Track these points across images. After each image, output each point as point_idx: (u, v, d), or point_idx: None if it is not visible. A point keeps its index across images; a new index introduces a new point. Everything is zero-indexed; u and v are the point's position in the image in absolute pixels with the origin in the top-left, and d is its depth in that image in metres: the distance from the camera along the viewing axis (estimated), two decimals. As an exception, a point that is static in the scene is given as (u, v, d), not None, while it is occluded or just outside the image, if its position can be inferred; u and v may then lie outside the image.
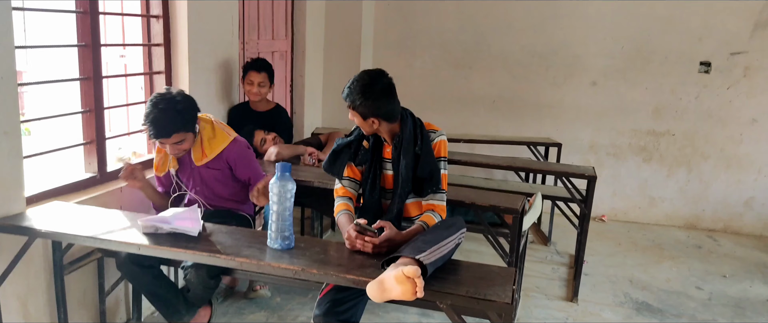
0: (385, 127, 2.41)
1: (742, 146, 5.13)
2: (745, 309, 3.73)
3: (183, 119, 2.65)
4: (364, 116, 2.35)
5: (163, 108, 2.58)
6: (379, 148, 2.51)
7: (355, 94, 2.32)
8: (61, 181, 2.76)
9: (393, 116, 2.39)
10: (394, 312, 3.34)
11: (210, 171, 2.87)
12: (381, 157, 2.51)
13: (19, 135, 2.36)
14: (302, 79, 4.87)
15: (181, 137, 2.69)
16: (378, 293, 1.88)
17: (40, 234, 2.27)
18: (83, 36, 2.76)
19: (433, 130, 2.48)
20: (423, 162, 2.39)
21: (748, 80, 5.00)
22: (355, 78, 2.35)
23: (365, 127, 2.41)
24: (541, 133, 5.47)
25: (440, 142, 2.46)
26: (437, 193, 2.44)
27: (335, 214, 2.48)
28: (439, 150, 2.46)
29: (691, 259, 4.57)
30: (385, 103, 2.33)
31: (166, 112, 2.58)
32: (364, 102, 2.31)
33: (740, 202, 5.25)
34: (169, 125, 2.60)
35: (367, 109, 2.32)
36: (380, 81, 2.33)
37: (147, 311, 3.20)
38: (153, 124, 2.59)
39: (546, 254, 4.51)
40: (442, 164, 2.46)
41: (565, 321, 3.44)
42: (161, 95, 2.64)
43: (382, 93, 2.32)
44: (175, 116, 2.60)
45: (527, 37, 5.38)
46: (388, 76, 2.37)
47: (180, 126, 2.65)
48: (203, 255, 2.14)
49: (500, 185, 4.13)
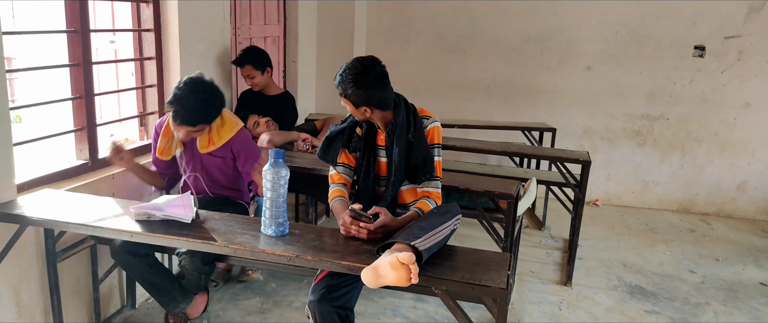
0: (378, 115, 2.39)
1: (736, 130, 5.14)
2: (737, 292, 3.76)
3: (212, 114, 2.69)
4: (357, 105, 2.34)
5: (202, 98, 2.60)
6: (373, 134, 2.49)
7: (347, 82, 2.29)
8: (53, 168, 2.73)
9: (386, 104, 2.37)
10: (389, 297, 3.35)
11: (213, 158, 2.85)
12: (375, 143, 2.50)
13: (8, 122, 2.33)
14: (295, 64, 4.84)
15: (201, 128, 2.72)
16: (373, 279, 1.87)
17: (32, 221, 2.26)
18: (72, 22, 2.72)
19: (427, 116, 2.46)
20: (416, 150, 2.38)
21: (741, 64, 5.00)
22: (347, 66, 2.32)
23: (358, 115, 2.40)
24: (535, 118, 5.47)
25: (433, 129, 2.45)
26: (432, 180, 2.43)
27: (330, 200, 2.47)
28: (433, 136, 2.44)
29: (685, 243, 4.60)
30: (378, 92, 2.31)
31: (204, 103, 2.61)
32: (356, 90, 2.28)
33: (733, 186, 5.27)
34: (200, 116, 2.63)
35: (359, 98, 2.30)
36: (373, 69, 2.29)
37: (141, 298, 3.20)
38: (185, 110, 2.59)
39: (540, 238, 4.52)
40: (436, 151, 2.44)
41: (559, 304, 3.46)
42: (200, 84, 2.64)
43: (375, 81, 2.29)
44: (209, 109, 2.64)
45: (521, 22, 5.35)
46: (381, 64, 2.34)
47: (208, 119, 2.69)
48: (197, 242, 2.13)
49: (495, 170, 4.12)
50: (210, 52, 3.56)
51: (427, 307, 3.30)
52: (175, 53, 3.27)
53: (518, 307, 3.39)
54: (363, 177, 2.51)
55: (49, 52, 3.16)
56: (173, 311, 2.71)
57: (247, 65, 3.70)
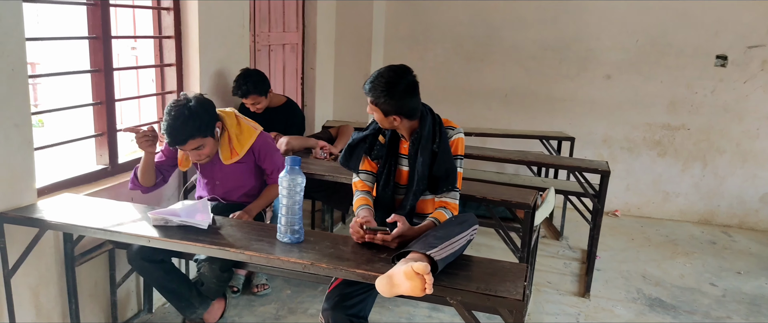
0: (405, 124, 2.38)
1: (759, 141, 5.06)
2: (760, 306, 3.68)
3: (195, 124, 2.58)
4: (386, 113, 2.32)
5: (175, 115, 2.55)
6: (396, 143, 2.48)
7: (379, 90, 2.27)
8: (72, 173, 2.77)
9: (414, 114, 2.36)
10: (404, 306, 3.33)
11: (237, 166, 2.86)
12: (397, 152, 2.49)
13: (30, 127, 2.36)
14: (313, 71, 4.86)
15: (198, 143, 2.64)
16: (387, 288, 1.86)
17: (51, 225, 2.28)
18: (94, 28, 2.76)
19: (452, 126, 2.45)
20: (439, 161, 2.37)
21: (765, 74, 4.92)
22: (380, 73, 2.30)
23: (385, 124, 2.38)
24: (553, 126, 5.42)
25: (458, 140, 2.43)
26: (451, 191, 2.41)
27: (355, 208, 2.46)
28: (456, 147, 2.43)
29: (706, 255, 4.52)
30: (409, 102, 2.30)
31: (178, 119, 2.54)
32: (388, 100, 2.27)
33: (756, 198, 5.18)
34: (181, 133, 2.57)
35: (390, 107, 2.29)
36: (405, 79, 2.29)
37: (158, 302, 3.22)
38: (167, 132, 2.57)
39: (558, 249, 4.47)
40: (459, 162, 2.43)
41: (576, 316, 3.42)
42: (174, 102, 2.61)
43: (406, 91, 2.28)
44: (186, 122, 2.55)
45: (540, 30, 5.32)
46: (413, 74, 2.33)
47: (194, 131, 2.59)
48: (213, 249, 2.14)
49: (512, 179, 4.10)
50: (229, 59, 3.58)
51: (442, 317, 3.28)
52: (195, 60, 3.30)
53: (535, 318, 3.36)
54: (383, 186, 2.50)
55: (71, 57, 3.21)
56: (190, 316, 2.72)
57: (251, 95, 3.54)
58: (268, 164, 2.90)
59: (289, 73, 4.62)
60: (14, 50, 2.25)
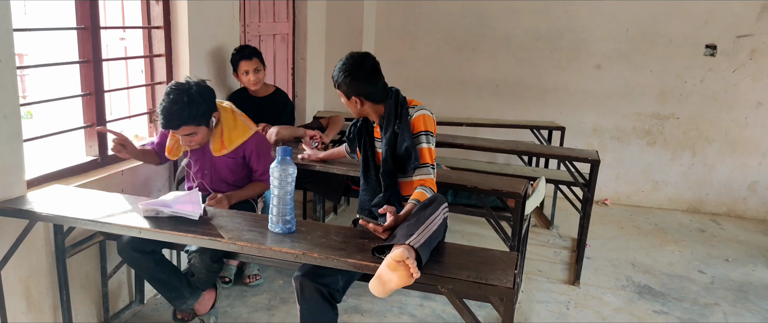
0: (370, 108, 2.51)
1: (747, 130, 5.10)
2: (747, 292, 3.73)
3: (193, 113, 2.57)
4: (347, 95, 2.49)
5: (173, 99, 2.54)
6: (369, 128, 2.63)
7: (339, 74, 2.47)
8: (62, 165, 2.75)
9: (375, 97, 2.49)
10: (396, 295, 3.35)
11: (224, 159, 2.85)
12: (372, 136, 2.63)
13: (18, 118, 2.35)
14: (304, 62, 4.84)
15: (191, 130, 2.63)
16: (380, 288, 1.90)
17: (41, 217, 2.27)
18: (83, 19, 2.73)
19: (414, 105, 2.53)
20: (399, 140, 2.45)
21: (754, 63, 4.95)
22: (342, 59, 2.49)
23: (351, 108, 2.54)
24: (544, 116, 5.44)
25: (419, 117, 2.48)
26: (422, 168, 2.45)
27: None
28: (418, 125, 2.47)
29: (694, 243, 4.56)
30: (367, 84, 2.46)
31: (175, 103, 2.54)
32: (346, 80, 2.45)
33: (744, 186, 5.23)
34: (176, 118, 2.56)
35: (349, 88, 2.46)
36: (365, 62, 2.46)
37: (150, 293, 3.22)
38: (162, 114, 2.56)
39: (548, 237, 4.50)
40: (424, 138, 2.46)
41: (566, 304, 3.45)
42: (177, 84, 2.60)
43: (366, 74, 2.45)
44: (183, 109, 2.54)
45: (531, 20, 5.33)
46: (373, 59, 2.50)
47: (189, 118, 2.58)
48: (204, 239, 2.14)
49: (503, 169, 4.11)
50: (219, 50, 3.57)
51: (433, 305, 3.30)
52: (185, 50, 3.28)
53: (525, 306, 3.38)
54: (363, 169, 2.64)
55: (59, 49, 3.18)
56: (181, 307, 2.72)
57: (255, 58, 3.55)
58: (259, 165, 2.89)
59: (279, 63, 4.61)
60: (2, 41, 2.23)
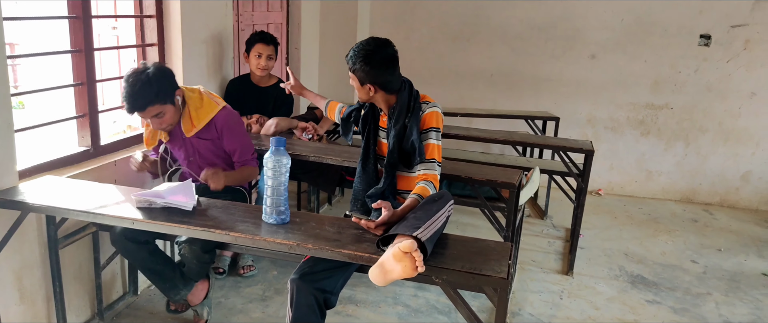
0: (381, 96, 2.45)
1: (741, 120, 5.11)
2: (739, 282, 3.75)
3: (153, 91, 2.57)
4: (362, 81, 2.41)
5: (132, 81, 2.54)
6: (376, 115, 2.57)
7: (357, 58, 2.37)
8: (54, 155, 2.73)
9: (390, 86, 2.43)
10: (390, 285, 3.34)
11: (202, 141, 2.83)
12: (377, 124, 2.57)
13: (9, 108, 2.32)
14: (298, 51, 4.81)
15: (158, 110, 2.62)
16: (380, 276, 1.87)
17: (33, 208, 2.26)
18: (74, 7, 2.70)
19: (427, 101, 2.50)
20: (408, 134, 2.42)
21: (748, 53, 4.96)
22: (361, 42, 2.40)
23: (361, 93, 2.46)
24: (539, 106, 5.44)
25: (431, 113, 2.47)
26: (428, 163, 2.44)
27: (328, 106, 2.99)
28: (429, 121, 2.46)
29: (687, 233, 4.59)
30: (384, 73, 2.38)
31: (135, 85, 2.53)
32: (364, 67, 2.36)
33: (737, 176, 5.25)
34: (140, 98, 2.55)
35: (365, 75, 2.38)
36: (384, 50, 2.38)
37: (143, 285, 3.21)
38: (125, 99, 2.56)
39: (542, 228, 4.52)
40: (433, 134, 2.46)
41: (560, 293, 3.46)
42: (132, 70, 2.60)
43: (384, 62, 2.37)
44: (144, 88, 2.54)
45: (526, 9, 5.31)
46: (393, 47, 2.41)
47: (152, 97, 2.57)
48: (198, 230, 2.13)
49: (497, 159, 4.11)
50: (212, 39, 3.54)
51: (427, 295, 3.31)
52: (177, 40, 3.25)
53: (519, 296, 3.40)
54: (363, 157, 2.59)
55: (50, 38, 3.15)
56: (174, 298, 2.72)
57: (272, 45, 3.55)
58: (229, 142, 2.84)
59: (273, 53, 4.57)
60: (-9, 30, 2.21)
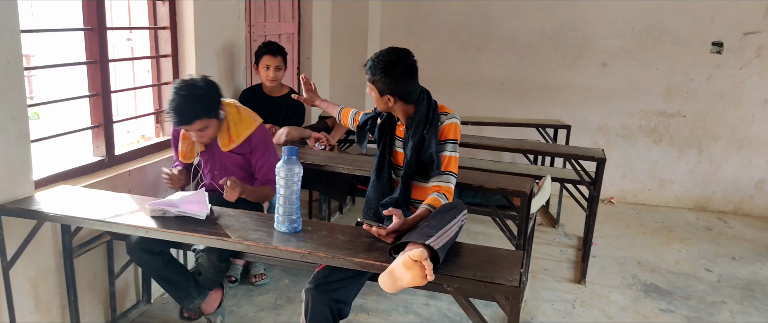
0: (400, 107, 2.45)
1: (754, 127, 5.08)
2: (754, 291, 3.71)
3: (204, 105, 2.61)
4: (382, 92, 2.40)
5: (185, 94, 2.56)
6: (392, 125, 2.57)
7: (377, 68, 2.36)
8: (70, 165, 2.76)
9: (409, 97, 2.43)
10: (402, 294, 3.35)
11: (234, 156, 2.85)
12: (394, 134, 2.57)
13: (26, 119, 2.36)
14: (309, 61, 4.85)
15: (204, 124, 2.65)
16: (390, 283, 1.88)
17: (49, 217, 2.29)
18: (89, 19, 2.75)
19: (446, 112, 2.50)
20: (426, 146, 2.41)
21: (760, 60, 4.93)
22: (381, 52, 2.39)
23: (380, 104, 2.46)
24: (550, 115, 5.43)
25: (449, 125, 2.46)
26: (442, 175, 2.44)
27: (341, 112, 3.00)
28: (448, 132, 2.46)
29: (701, 241, 4.55)
30: (404, 84, 2.38)
31: (188, 99, 2.55)
32: (384, 78, 2.35)
33: (751, 184, 5.21)
34: (190, 112, 2.58)
35: (385, 86, 2.37)
36: (404, 60, 2.37)
37: (157, 293, 3.23)
38: (175, 112, 2.57)
39: (554, 236, 4.50)
40: (451, 146, 2.46)
41: (572, 302, 3.44)
42: (183, 81, 2.62)
43: (404, 73, 2.37)
44: (196, 102, 2.57)
45: (536, 18, 5.32)
46: (413, 57, 2.41)
47: (201, 112, 2.61)
48: (211, 239, 2.15)
49: (509, 167, 4.11)
50: (225, 50, 3.58)
51: (439, 304, 3.30)
52: (191, 51, 3.29)
53: (531, 305, 3.38)
54: (378, 166, 2.59)
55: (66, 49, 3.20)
56: (188, 306, 2.73)
57: (279, 56, 3.60)
58: (259, 159, 2.87)
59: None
60: (9, 42, 2.25)
